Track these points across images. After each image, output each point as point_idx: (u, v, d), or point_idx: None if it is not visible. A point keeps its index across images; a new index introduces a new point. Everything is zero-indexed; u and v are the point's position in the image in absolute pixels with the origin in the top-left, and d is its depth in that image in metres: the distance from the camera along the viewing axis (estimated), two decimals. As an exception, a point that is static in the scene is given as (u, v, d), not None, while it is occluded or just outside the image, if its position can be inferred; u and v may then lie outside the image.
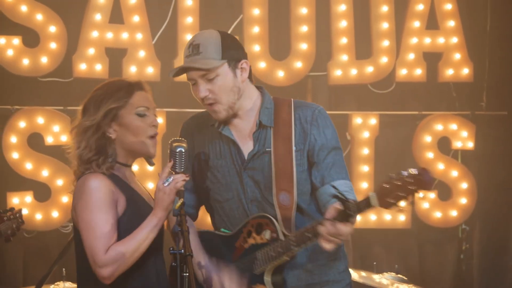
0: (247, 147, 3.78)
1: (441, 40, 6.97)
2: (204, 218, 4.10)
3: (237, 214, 3.79)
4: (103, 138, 3.59)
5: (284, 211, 3.70)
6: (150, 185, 6.51)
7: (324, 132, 3.75)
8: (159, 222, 3.48)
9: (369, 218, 6.79)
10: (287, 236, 3.63)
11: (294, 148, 3.72)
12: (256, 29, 6.77)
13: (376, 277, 5.73)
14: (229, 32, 6.64)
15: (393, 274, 5.82)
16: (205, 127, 3.85)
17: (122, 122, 3.60)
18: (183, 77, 6.77)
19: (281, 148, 3.72)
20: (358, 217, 6.74)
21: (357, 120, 6.86)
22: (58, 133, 6.51)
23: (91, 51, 6.62)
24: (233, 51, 3.73)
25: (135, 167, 3.88)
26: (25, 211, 6.33)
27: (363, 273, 5.80)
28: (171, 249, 3.42)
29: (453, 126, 6.94)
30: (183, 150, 3.56)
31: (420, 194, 3.31)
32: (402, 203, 3.33)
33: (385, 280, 5.73)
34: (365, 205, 3.43)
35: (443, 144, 6.95)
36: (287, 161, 3.71)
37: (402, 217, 6.85)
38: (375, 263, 6.15)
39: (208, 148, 3.84)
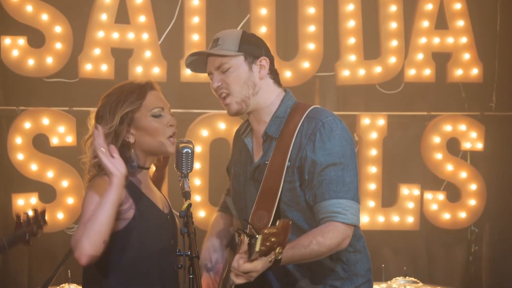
0: (257, 157, 3.76)
1: (450, 40, 6.96)
2: (210, 219, 4.10)
3: (245, 224, 3.78)
4: (123, 144, 3.59)
5: (252, 232, 3.53)
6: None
7: (319, 147, 3.56)
8: (115, 185, 3.40)
9: (377, 220, 6.79)
10: None
11: (288, 163, 3.61)
12: (263, 29, 6.77)
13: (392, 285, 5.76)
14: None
15: (401, 277, 5.83)
16: (239, 133, 3.88)
17: (139, 126, 3.60)
18: (190, 77, 6.80)
19: (276, 163, 3.64)
20: (366, 218, 6.78)
21: (365, 120, 6.85)
22: (63, 134, 6.52)
23: (97, 51, 6.63)
24: (253, 46, 3.73)
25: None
26: (30, 213, 6.37)
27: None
28: (177, 251, 3.41)
29: (462, 127, 6.93)
30: (189, 151, 3.56)
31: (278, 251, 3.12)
32: (272, 254, 3.14)
33: (396, 285, 5.76)
34: (253, 247, 3.21)
35: (452, 145, 6.94)
36: (277, 177, 3.61)
37: (410, 219, 6.84)
38: (383, 265, 6.15)
39: (238, 156, 3.87)
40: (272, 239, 3.10)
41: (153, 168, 3.81)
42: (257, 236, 3.20)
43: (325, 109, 3.74)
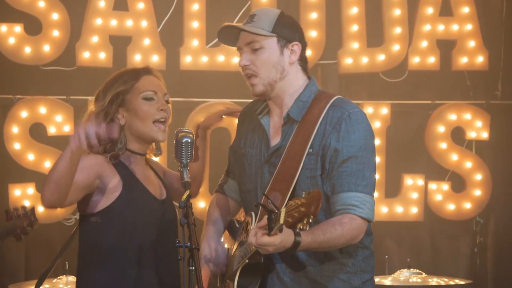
0: (275, 140, 3.71)
1: (455, 27, 6.95)
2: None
3: (251, 207, 3.75)
4: (113, 125, 3.60)
5: (264, 212, 3.52)
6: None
7: (344, 137, 3.56)
8: (69, 149, 3.36)
9: (380, 211, 6.78)
10: None
11: (309, 149, 3.59)
12: (264, 16, 6.74)
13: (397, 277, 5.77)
14: (236, 19, 6.70)
15: (406, 270, 5.85)
16: (254, 112, 3.80)
17: (129, 107, 3.62)
18: (190, 65, 6.78)
19: (296, 147, 3.61)
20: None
21: (368, 109, 6.84)
22: (61, 123, 6.51)
23: (95, 39, 6.61)
24: (287, 30, 3.69)
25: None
26: (27, 203, 6.37)
27: (377, 279, 5.83)
28: (177, 242, 3.41)
29: (467, 116, 6.92)
30: (189, 141, 3.56)
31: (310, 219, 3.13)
32: (300, 225, 3.16)
33: (402, 277, 5.77)
34: (277, 221, 3.25)
35: (457, 134, 6.93)
36: (295, 162, 3.59)
37: (414, 210, 6.84)
38: (386, 256, 6.15)
39: (249, 135, 3.81)
40: (302, 209, 3.12)
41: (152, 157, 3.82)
42: (276, 210, 3.23)
43: (349, 100, 3.74)
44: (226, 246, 3.83)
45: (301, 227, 3.17)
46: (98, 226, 3.56)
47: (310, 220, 3.13)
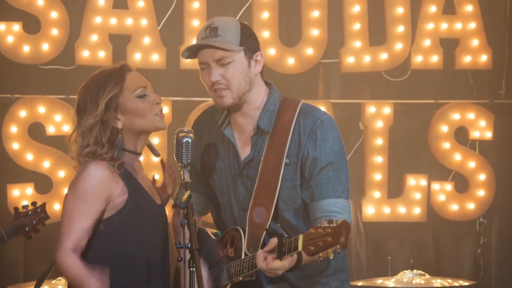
0: (245, 152, 3.72)
1: (458, 25, 6.94)
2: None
3: (227, 221, 3.77)
4: (111, 131, 3.58)
5: (253, 228, 3.61)
6: (156, 177, 6.50)
7: (321, 145, 3.61)
8: None
9: (383, 211, 6.78)
10: (247, 257, 3.57)
11: (285, 160, 3.63)
12: (265, 15, 6.75)
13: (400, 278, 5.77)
14: (237, 17, 6.69)
15: (409, 271, 5.84)
16: (213, 124, 3.81)
17: (125, 109, 3.60)
18: (190, 64, 6.78)
19: (272, 158, 3.64)
20: (371, 210, 6.78)
21: (371, 109, 6.84)
22: (60, 123, 6.51)
23: (94, 37, 6.61)
24: (251, 40, 3.71)
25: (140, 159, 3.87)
26: (25, 203, 6.36)
27: (380, 280, 5.82)
28: (177, 243, 3.41)
29: (471, 116, 6.92)
30: (189, 141, 3.56)
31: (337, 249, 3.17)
32: (323, 253, 3.20)
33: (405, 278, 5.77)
34: (294, 247, 3.30)
35: (460, 134, 6.92)
36: (274, 174, 3.62)
37: (417, 210, 6.84)
38: (389, 257, 6.15)
39: (212, 148, 3.81)
40: (329, 239, 3.16)
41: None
42: (285, 234, 3.31)
43: (315, 106, 3.78)
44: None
45: (326, 255, 3.20)
46: (103, 234, 3.55)
47: (338, 251, 3.17)
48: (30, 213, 4.83)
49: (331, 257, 3.20)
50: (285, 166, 3.62)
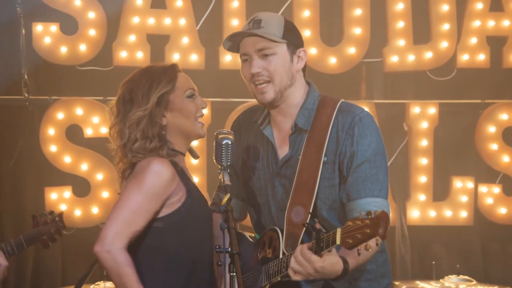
0: (283, 151, 3.74)
1: (505, 23, 6.90)
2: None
3: (266, 222, 3.78)
4: (157, 126, 3.61)
5: (291, 228, 3.61)
6: (195, 179, 6.52)
7: (358, 142, 3.61)
8: None
9: (428, 215, 6.75)
10: (285, 256, 3.56)
11: (324, 158, 3.62)
12: (306, 13, 6.75)
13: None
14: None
15: (454, 276, 5.80)
16: (253, 124, 3.82)
17: (173, 107, 3.63)
18: (230, 64, 6.79)
19: (310, 157, 3.64)
20: (416, 213, 6.72)
21: (415, 109, 6.81)
22: (97, 125, 6.56)
23: (132, 38, 6.65)
24: (294, 36, 3.73)
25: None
26: (63, 207, 6.42)
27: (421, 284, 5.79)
28: (217, 247, 3.42)
29: (519, 116, 6.88)
30: (229, 142, 3.56)
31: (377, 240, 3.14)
32: (362, 245, 3.17)
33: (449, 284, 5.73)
34: (332, 241, 3.27)
35: (508, 135, 6.87)
36: (312, 172, 3.62)
37: (463, 214, 6.80)
38: (434, 262, 6.11)
39: (251, 148, 3.83)
40: (367, 231, 3.14)
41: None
42: (324, 230, 3.26)
43: (354, 104, 3.77)
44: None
45: (364, 248, 3.17)
46: (160, 231, 3.57)
47: (378, 243, 3.15)
48: (48, 222, 4.89)
49: (370, 250, 3.17)
50: (323, 164, 3.62)
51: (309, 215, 3.55)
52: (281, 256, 3.59)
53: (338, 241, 3.21)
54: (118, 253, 3.45)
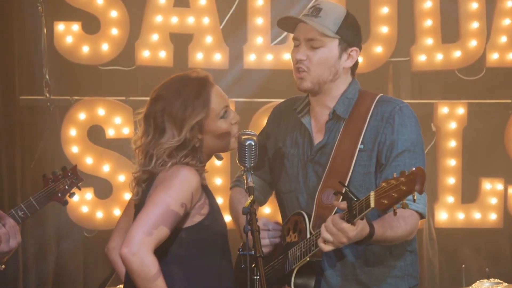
0: (318, 138, 3.77)
1: (536, 21, 6.87)
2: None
3: (294, 208, 3.78)
4: (188, 149, 3.58)
5: (321, 209, 3.62)
6: (218, 181, 6.54)
7: (398, 130, 3.64)
8: None
9: (457, 217, 6.72)
10: (312, 235, 3.57)
11: (360, 146, 3.64)
12: (332, 12, 6.73)
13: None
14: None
15: (485, 280, 5.77)
16: (292, 111, 3.85)
17: (207, 130, 3.58)
18: (254, 64, 6.78)
19: (346, 143, 3.67)
20: (445, 215, 6.69)
21: (443, 109, 6.79)
22: (119, 126, 6.58)
23: (155, 37, 6.67)
24: (351, 33, 3.75)
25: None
26: (85, 209, 6.45)
27: None
28: (240, 250, 3.42)
29: (551, 116, 6.84)
30: (252, 143, 3.56)
31: (414, 195, 3.16)
32: (397, 205, 3.19)
33: None
34: (365, 205, 3.28)
35: (539, 136, 6.84)
36: (347, 159, 3.64)
37: (493, 216, 6.76)
38: (463, 266, 6.08)
39: (288, 135, 3.85)
40: (403, 188, 3.14)
41: None
42: (354, 198, 3.27)
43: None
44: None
45: (401, 207, 3.18)
46: (183, 241, 3.57)
47: (415, 197, 3.16)
48: (60, 177, 4.74)
49: (407, 208, 3.18)
50: (359, 152, 3.65)
51: (341, 197, 3.47)
52: (308, 236, 3.60)
53: (372, 204, 3.23)
54: (145, 256, 3.43)
